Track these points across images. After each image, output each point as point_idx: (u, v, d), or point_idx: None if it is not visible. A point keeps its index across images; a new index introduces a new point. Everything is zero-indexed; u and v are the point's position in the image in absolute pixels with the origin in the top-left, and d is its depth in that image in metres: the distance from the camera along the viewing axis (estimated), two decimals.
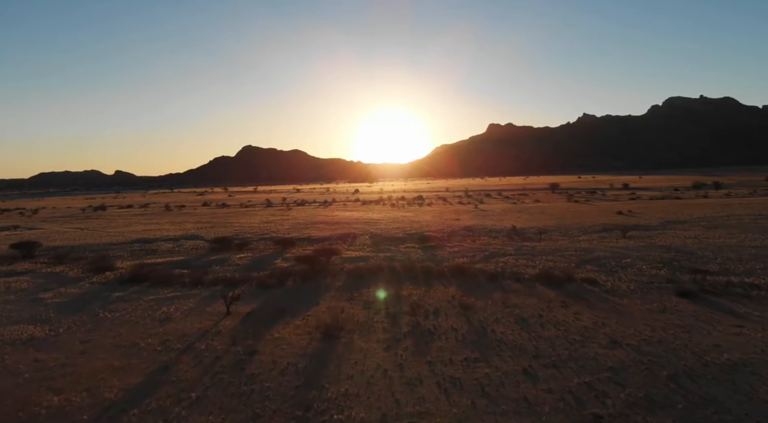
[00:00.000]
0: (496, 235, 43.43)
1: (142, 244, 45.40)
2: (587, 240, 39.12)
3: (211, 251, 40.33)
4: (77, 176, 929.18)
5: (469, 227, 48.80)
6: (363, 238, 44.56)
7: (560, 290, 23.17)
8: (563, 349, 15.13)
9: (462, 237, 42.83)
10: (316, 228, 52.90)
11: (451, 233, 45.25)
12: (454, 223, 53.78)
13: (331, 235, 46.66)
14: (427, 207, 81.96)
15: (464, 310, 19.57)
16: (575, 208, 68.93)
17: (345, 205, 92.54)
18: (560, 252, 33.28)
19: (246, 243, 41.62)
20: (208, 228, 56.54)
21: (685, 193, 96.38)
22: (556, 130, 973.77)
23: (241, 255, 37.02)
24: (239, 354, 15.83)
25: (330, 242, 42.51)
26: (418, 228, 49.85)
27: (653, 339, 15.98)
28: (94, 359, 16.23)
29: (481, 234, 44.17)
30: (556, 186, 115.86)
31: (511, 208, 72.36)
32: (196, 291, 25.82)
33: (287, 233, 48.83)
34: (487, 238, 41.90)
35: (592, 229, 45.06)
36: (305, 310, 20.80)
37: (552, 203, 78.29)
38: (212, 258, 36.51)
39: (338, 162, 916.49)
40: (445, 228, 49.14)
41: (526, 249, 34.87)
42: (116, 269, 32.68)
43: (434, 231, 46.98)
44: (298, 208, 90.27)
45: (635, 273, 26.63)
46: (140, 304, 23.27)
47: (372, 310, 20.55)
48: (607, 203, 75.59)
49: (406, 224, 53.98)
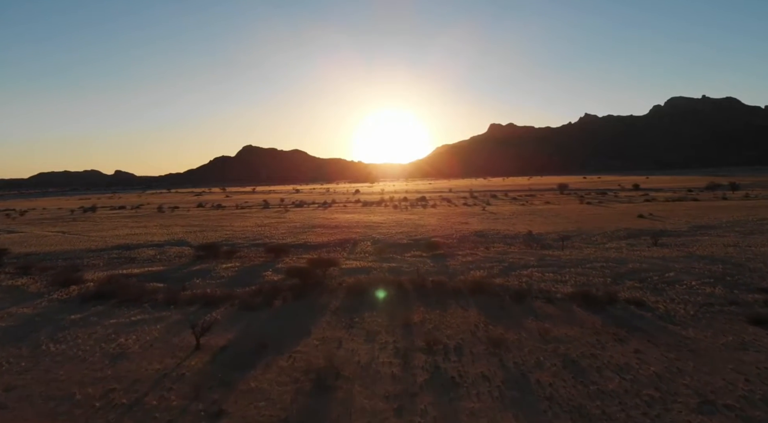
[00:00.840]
0: (512, 241, 39.34)
1: (122, 251, 41.35)
2: (615, 248, 35.02)
3: (195, 260, 36.27)
4: (77, 176, 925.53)
5: (480, 232, 44.72)
6: (364, 244, 40.52)
7: (604, 315, 19.10)
8: (641, 416, 11.06)
9: (474, 243, 38.76)
10: (313, 232, 48.84)
11: (460, 239, 41.19)
12: (462, 227, 49.70)
13: (329, 240, 42.60)
14: (432, 209, 77.86)
15: (494, 347, 15.49)
16: (590, 210, 64.83)
17: (345, 207, 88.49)
18: (589, 263, 29.19)
19: (235, 250, 37.55)
20: (197, 232, 52.51)
21: (701, 194, 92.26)
22: (558, 130, 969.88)
23: (228, 264, 32.95)
24: (200, 417, 11.77)
25: (328, 249, 38.45)
26: (424, 233, 45.80)
27: (755, 396, 11.92)
28: (10, 420, 12.21)
29: (494, 240, 40.08)
30: (564, 187, 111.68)
31: (521, 210, 68.26)
32: (166, 313, 21.75)
33: (282, 239, 44.78)
34: (502, 245, 37.82)
35: (616, 235, 40.97)
36: (293, 343, 16.75)
37: (564, 205, 74.18)
38: (195, 268, 32.44)
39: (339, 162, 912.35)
40: (453, 233, 45.08)
41: (549, 259, 30.78)
42: (84, 282, 28.59)
43: (442, 236, 42.94)
44: (296, 209, 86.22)
45: (686, 291, 22.54)
46: (96, 332, 19.22)
47: (376, 343, 16.49)
48: (623, 205, 71.48)
49: (410, 228, 49.90)
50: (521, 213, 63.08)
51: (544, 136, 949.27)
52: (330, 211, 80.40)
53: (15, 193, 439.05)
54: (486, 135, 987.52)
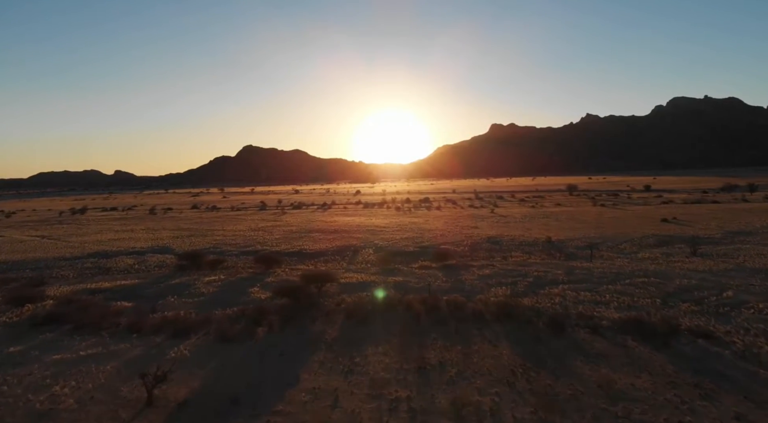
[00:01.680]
0: (531, 249, 35.33)
1: (99, 260, 37.41)
2: (650, 258, 31.02)
3: (176, 271, 32.32)
4: (77, 176, 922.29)
5: (494, 238, 40.73)
6: (366, 251, 36.57)
7: (670, 354, 15.13)
8: None
9: (488, 252, 34.77)
10: (310, 238, 44.87)
11: (473, 246, 37.20)
12: (472, 232, 45.71)
13: (327, 248, 38.63)
14: (437, 211, 73.87)
15: (545, 411, 11.49)
16: (607, 213, 60.79)
17: (345, 209, 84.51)
18: (626, 277, 25.20)
19: (221, 260, 33.55)
20: (185, 237, 48.56)
21: (717, 195, 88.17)
22: (559, 130, 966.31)
23: (211, 277, 28.98)
24: None
25: (325, 258, 34.47)
26: (432, 238, 41.84)
27: None
28: None
29: (510, 248, 36.09)
30: (574, 188, 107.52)
31: (532, 213, 64.24)
32: (125, 345, 17.78)
33: (275, 245, 40.82)
34: (520, 253, 33.82)
35: (646, 242, 36.95)
36: (275, 397, 12.79)
37: (577, 207, 70.14)
38: (174, 282, 28.49)
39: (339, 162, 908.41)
40: (463, 239, 41.11)
41: (579, 272, 26.78)
42: (42, 300, 24.66)
43: (452, 243, 38.97)
44: (293, 212, 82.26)
45: (757, 317, 18.55)
46: (30, 374, 15.27)
47: (384, 400, 12.51)
48: (640, 208, 67.43)
49: (416, 233, 45.93)
50: (533, 216, 59.05)
51: (546, 137, 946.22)
52: (329, 213, 76.46)
53: (13, 193, 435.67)
54: (487, 135, 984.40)
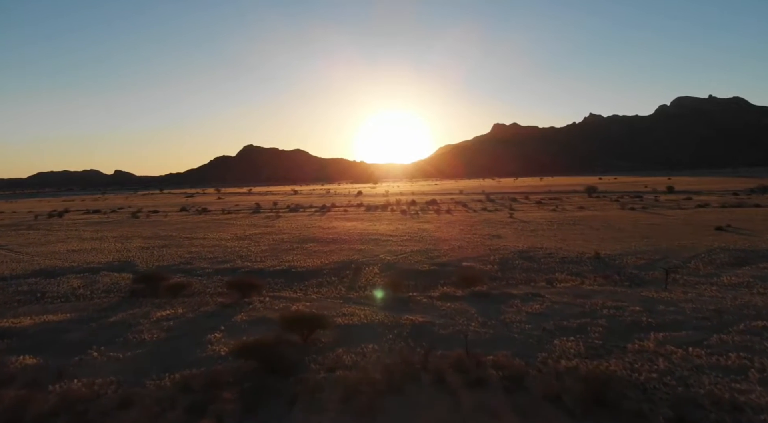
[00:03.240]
0: (578, 268, 28.08)
1: (40, 280, 30.27)
2: (742, 284, 23.76)
3: (126, 299, 25.17)
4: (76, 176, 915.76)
5: (525, 252, 33.49)
6: (370, 271, 29.39)
7: None
8: None
9: (525, 272, 27.53)
10: (303, 250, 37.69)
11: (502, 263, 29.97)
12: (496, 243, 38.49)
13: (322, 265, 31.42)
14: (447, 215, 66.59)
15: None
16: (644, 219, 53.43)
17: (346, 212, 77.27)
18: (736, 319, 17.96)
19: (185, 283, 26.33)
20: (157, 249, 41.40)
21: (752, 197, 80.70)
22: (562, 130, 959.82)
23: (165, 312, 21.79)
24: None
25: (319, 280, 27.25)
26: (449, 251, 34.65)
27: None
28: None
29: (551, 266, 28.84)
30: (593, 189, 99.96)
31: (557, 218, 56.93)
32: None
33: (259, 261, 33.63)
34: (567, 275, 26.58)
35: (718, 259, 29.68)
36: None
37: (605, 211, 62.79)
38: (115, 318, 21.29)
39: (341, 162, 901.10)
40: (488, 252, 33.91)
41: (662, 308, 19.52)
42: None
43: (475, 258, 31.78)
44: (288, 215, 75.04)
45: None
46: None
47: None
48: (679, 213, 60.06)
49: (428, 244, 38.75)
50: (561, 222, 51.73)
51: (549, 136, 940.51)
52: (328, 217, 69.22)
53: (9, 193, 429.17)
54: (489, 135, 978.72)
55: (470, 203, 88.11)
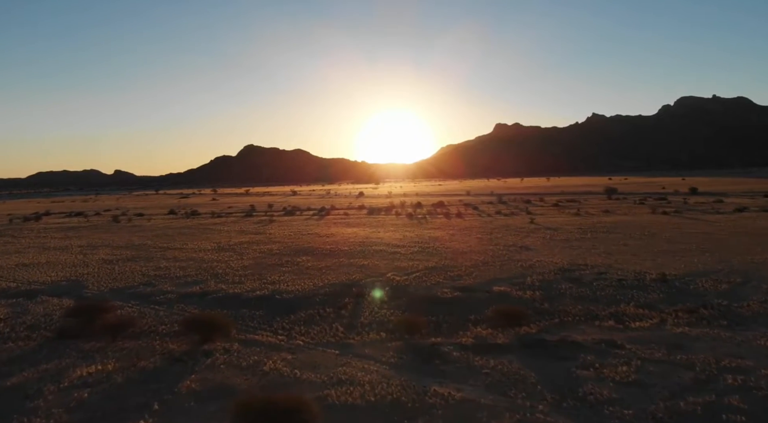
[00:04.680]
0: (644, 296, 21.63)
1: None
2: None
3: (52, 339, 18.82)
4: (76, 176, 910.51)
5: (567, 271, 27.06)
6: (374, 295, 23.01)
7: None
8: None
9: (578, 301, 21.09)
10: (293, 267, 31.30)
11: (545, 288, 23.54)
12: (527, 257, 32.08)
13: (315, 288, 25.00)
14: (458, 219, 60.17)
15: None
16: (687, 226, 46.87)
17: (346, 216, 70.87)
18: None
19: (131, 320, 19.90)
20: (122, 262, 35.08)
21: None
22: (565, 130, 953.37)
23: (89, 368, 15.40)
24: None
25: (309, 313, 20.79)
26: (472, 269, 28.25)
27: None
28: None
29: (609, 292, 22.39)
30: (612, 191, 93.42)
31: (584, 224, 50.42)
32: None
33: (238, 281, 27.24)
34: (635, 307, 20.12)
35: None
36: None
37: (636, 216, 56.23)
38: (13, 379, 14.92)
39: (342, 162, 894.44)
40: (520, 270, 27.51)
41: None
42: None
43: (506, 278, 25.40)
44: (284, 219, 68.66)
45: None
46: None
47: None
48: (720, 218, 53.51)
49: (445, 258, 32.37)
50: (591, 229, 45.22)
51: (551, 136, 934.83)
52: (327, 222, 62.82)
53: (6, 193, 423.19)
54: (491, 135, 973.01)
55: (481, 206, 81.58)
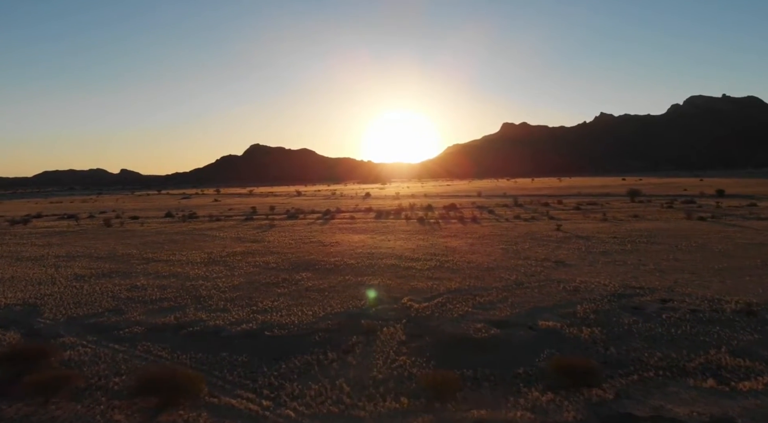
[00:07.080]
0: (734, 336, 16.73)
1: None
2: None
3: None
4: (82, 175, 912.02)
5: (622, 297, 22.20)
6: (390, 336, 18.24)
7: None
8: None
9: (650, 344, 16.25)
10: (290, 287, 26.61)
11: (603, 322, 18.70)
12: (564, 275, 27.22)
13: (314, 319, 20.29)
14: (475, 225, 55.29)
15: None
16: (736, 235, 41.67)
17: (353, 220, 66.14)
18: None
19: (78, 367, 15.32)
20: (96, 278, 30.57)
21: None
22: (573, 129, 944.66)
23: None
24: None
25: (305, 360, 16.07)
26: (506, 294, 23.45)
27: None
28: None
29: (685, 330, 17.52)
30: (636, 193, 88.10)
31: (617, 231, 45.38)
32: None
33: (222, 307, 22.58)
34: (727, 354, 15.23)
35: None
36: None
37: (672, 223, 51.02)
38: None
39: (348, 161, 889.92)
40: (567, 297, 22.69)
41: None
42: None
43: (550, 307, 20.61)
44: (286, 223, 64.07)
45: None
46: None
47: None
48: (764, 224, 48.39)
49: (470, 278, 27.56)
50: (628, 238, 40.18)
51: (559, 136, 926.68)
52: (331, 227, 58.15)
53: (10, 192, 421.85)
54: (498, 134, 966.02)
55: (497, 209, 76.46)
